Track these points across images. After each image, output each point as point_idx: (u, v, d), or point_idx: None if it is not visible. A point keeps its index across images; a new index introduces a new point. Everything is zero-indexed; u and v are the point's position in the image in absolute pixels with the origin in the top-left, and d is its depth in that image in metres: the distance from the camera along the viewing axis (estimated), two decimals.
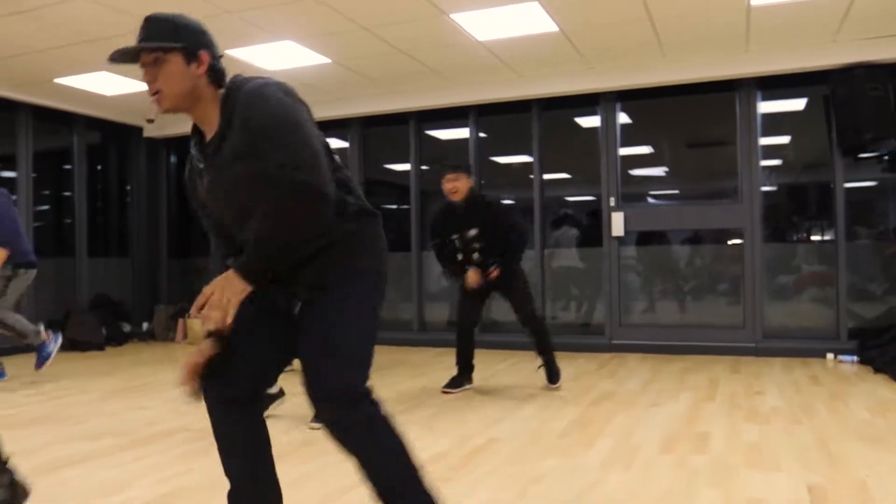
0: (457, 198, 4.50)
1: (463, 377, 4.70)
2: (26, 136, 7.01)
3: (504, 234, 4.51)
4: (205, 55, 1.78)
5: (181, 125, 7.97)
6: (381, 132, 7.54)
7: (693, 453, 3.08)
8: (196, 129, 1.88)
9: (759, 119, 6.09)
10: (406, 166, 7.37)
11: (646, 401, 4.23)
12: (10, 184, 6.75)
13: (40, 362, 5.19)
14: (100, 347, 7.14)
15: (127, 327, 7.76)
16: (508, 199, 7.54)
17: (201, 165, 1.86)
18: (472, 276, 4.49)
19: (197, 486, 2.76)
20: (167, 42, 1.74)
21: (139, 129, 8.15)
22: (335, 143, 7.89)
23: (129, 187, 8.35)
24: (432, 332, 7.08)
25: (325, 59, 5.71)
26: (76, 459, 3.15)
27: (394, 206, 7.82)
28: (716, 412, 3.88)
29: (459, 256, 4.57)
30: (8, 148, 6.94)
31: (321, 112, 7.14)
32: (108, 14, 4.63)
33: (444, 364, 5.38)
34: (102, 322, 7.40)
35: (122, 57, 1.77)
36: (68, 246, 7.55)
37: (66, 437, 3.57)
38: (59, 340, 5.34)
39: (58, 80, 6.22)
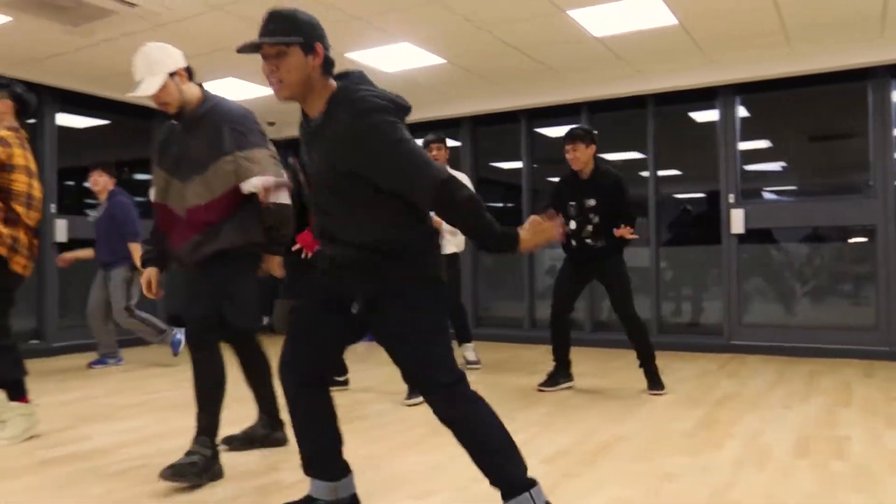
0: (577, 166, 4.46)
1: (559, 374, 4.61)
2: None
3: (622, 212, 4.40)
4: (319, 48, 1.99)
5: (297, 128, 8.30)
6: (492, 131, 7.60)
7: (832, 458, 2.96)
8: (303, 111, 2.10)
9: (893, 109, 5.75)
10: (517, 164, 7.40)
11: (773, 402, 4.09)
12: (144, 186, 7.24)
13: (175, 349, 5.64)
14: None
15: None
16: None
17: (307, 142, 2.10)
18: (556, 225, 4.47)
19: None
20: (288, 36, 1.95)
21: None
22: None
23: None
24: (543, 330, 7.06)
25: (440, 60, 5.81)
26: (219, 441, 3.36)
27: (504, 205, 7.86)
28: (853, 417, 3.71)
29: (573, 225, 4.50)
30: (143, 152, 7.44)
31: (433, 112, 7.41)
32: (235, 23, 4.89)
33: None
34: None
35: (248, 49, 1.97)
36: None
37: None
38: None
39: None
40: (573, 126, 4.57)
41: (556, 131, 7.46)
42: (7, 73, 6.08)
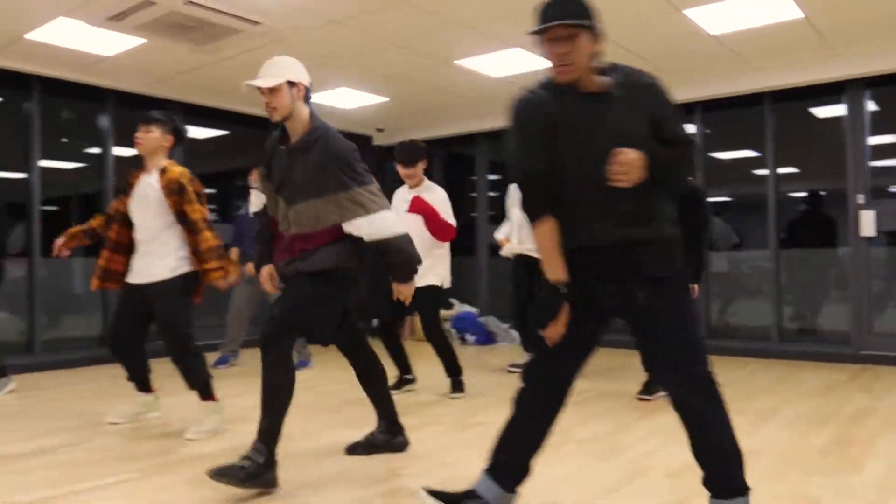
0: None
1: (654, 382, 4.48)
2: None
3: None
4: (600, 35, 2.09)
5: (404, 134, 8.46)
6: None
7: None
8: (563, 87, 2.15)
9: None
10: None
11: None
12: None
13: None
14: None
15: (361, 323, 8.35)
16: (729, 195, 7.18)
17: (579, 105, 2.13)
18: None
19: (474, 473, 2.92)
20: (583, 20, 2.01)
21: (369, 138, 8.75)
22: None
23: None
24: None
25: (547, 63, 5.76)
26: (343, 446, 3.46)
27: None
28: None
29: None
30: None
31: None
32: (351, 34, 5.02)
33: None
34: None
35: (540, 31, 2.04)
36: None
37: (333, 424, 3.92)
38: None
39: None
40: None
41: None
42: (140, 91, 6.49)
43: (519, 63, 5.74)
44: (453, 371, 4.67)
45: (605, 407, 4.26)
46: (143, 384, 3.96)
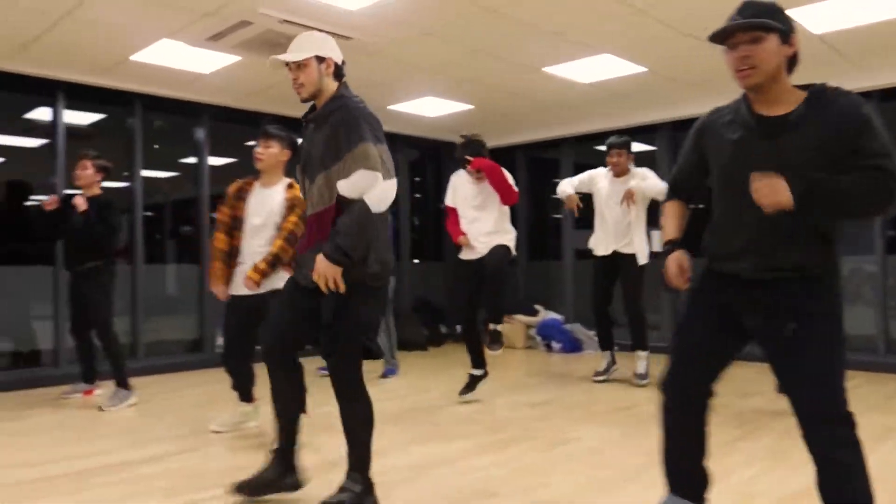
0: None
1: None
2: None
3: None
4: (795, 41, 2.00)
5: (492, 139, 8.42)
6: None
7: None
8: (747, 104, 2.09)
9: None
10: None
11: None
12: None
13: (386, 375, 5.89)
14: (423, 348, 7.81)
15: (444, 329, 8.40)
16: None
17: (746, 132, 2.07)
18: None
19: (572, 493, 2.88)
20: (770, 22, 1.93)
21: (452, 144, 8.75)
22: (638, 147, 7.79)
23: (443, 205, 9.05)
24: None
25: (640, 69, 5.64)
26: (436, 460, 3.47)
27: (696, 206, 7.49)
28: None
29: None
30: None
31: (631, 119, 7.21)
32: (441, 45, 5.04)
33: None
34: (423, 324, 8.10)
35: (719, 36, 2.01)
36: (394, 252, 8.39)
37: (423, 438, 3.94)
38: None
39: (390, 108, 6.93)
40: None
41: None
42: (233, 104, 6.70)
43: (608, 68, 5.64)
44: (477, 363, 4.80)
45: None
46: (246, 394, 4.08)
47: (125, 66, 5.46)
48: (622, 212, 5.32)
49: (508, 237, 4.74)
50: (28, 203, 5.82)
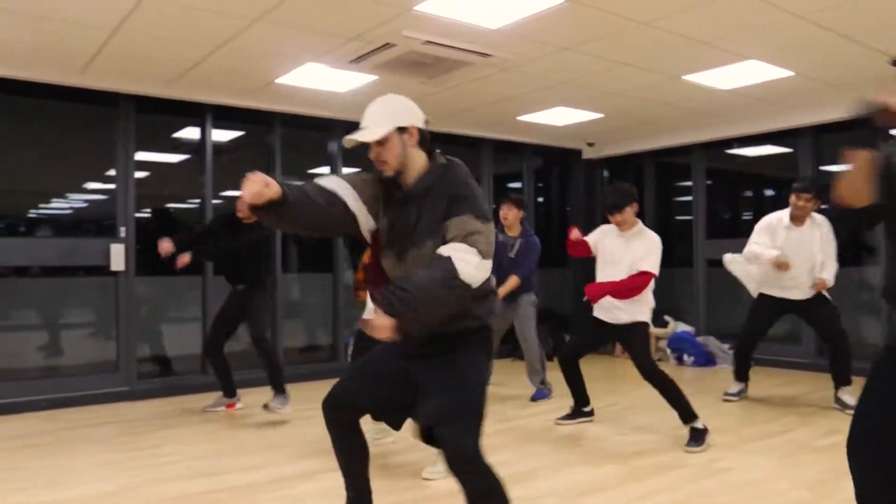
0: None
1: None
2: (488, 165, 7.95)
3: None
4: None
5: (618, 146, 8.29)
6: (836, 138, 6.86)
7: None
8: None
9: None
10: None
11: None
12: None
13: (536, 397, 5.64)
14: (548, 358, 7.72)
15: (568, 338, 8.29)
16: None
17: None
18: None
19: None
20: None
21: (578, 152, 8.66)
22: (775, 150, 7.43)
23: (568, 207, 8.99)
24: None
25: (787, 73, 5.37)
26: (589, 487, 3.42)
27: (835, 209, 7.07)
28: None
29: None
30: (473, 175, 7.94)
31: (768, 124, 6.89)
32: (581, 58, 4.97)
33: None
34: (549, 334, 8.02)
35: None
36: None
37: (571, 462, 3.90)
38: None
39: (521, 118, 6.92)
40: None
41: None
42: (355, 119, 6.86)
43: (751, 74, 5.40)
44: (685, 416, 4.20)
45: None
46: None
47: (269, 89, 5.71)
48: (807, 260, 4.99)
49: (646, 309, 4.39)
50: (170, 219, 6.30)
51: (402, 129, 2.30)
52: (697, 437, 4.10)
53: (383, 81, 5.44)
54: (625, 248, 4.38)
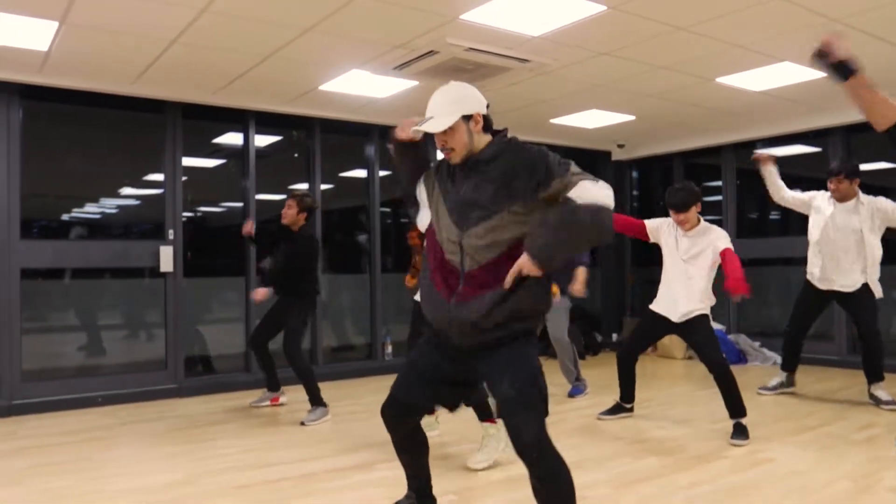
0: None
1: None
2: None
3: None
4: None
5: (649, 148, 8.38)
6: (865, 138, 6.93)
7: None
8: None
9: None
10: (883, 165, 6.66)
11: None
12: None
13: (574, 392, 5.74)
14: (580, 357, 7.85)
15: (599, 338, 8.41)
16: None
17: None
18: None
19: None
20: None
21: (608, 154, 8.77)
22: (805, 149, 7.49)
23: None
24: None
25: (818, 74, 5.44)
26: (635, 478, 3.55)
27: None
28: None
29: None
30: None
31: (798, 124, 6.96)
32: (618, 63, 5.10)
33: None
34: (581, 333, 8.13)
35: None
36: None
37: (613, 452, 4.03)
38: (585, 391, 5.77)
39: (553, 121, 7.06)
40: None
41: None
42: (399, 123, 7.02)
43: (783, 76, 5.49)
44: (737, 411, 4.26)
45: None
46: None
47: (311, 95, 5.88)
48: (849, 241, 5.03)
49: (707, 304, 4.42)
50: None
51: (467, 117, 2.39)
52: (742, 432, 4.21)
53: (423, 87, 5.59)
54: (694, 246, 4.42)
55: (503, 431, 3.44)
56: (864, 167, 5.19)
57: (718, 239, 4.34)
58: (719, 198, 8.02)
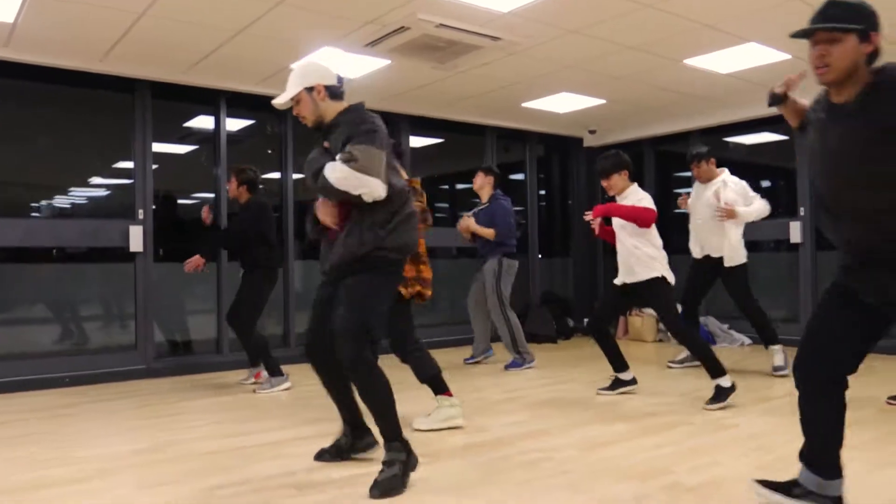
0: None
1: None
2: (491, 154, 8.13)
3: None
4: (875, 38, 2.08)
5: (619, 134, 8.47)
6: None
7: None
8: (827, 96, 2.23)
9: None
10: None
11: None
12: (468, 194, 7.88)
13: (514, 366, 6.00)
14: (552, 340, 7.93)
15: (571, 322, 8.48)
16: None
17: (824, 118, 2.22)
18: None
19: (747, 472, 2.95)
20: (850, 24, 2.06)
21: (580, 140, 8.85)
22: (772, 137, 7.61)
23: (570, 201, 9.18)
24: None
25: (784, 56, 5.56)
26: (602, 441, 3.61)
27: None
28: None
29: None
30: (474, 164, 8.08)
31: (763, 109, 7.03)
32: (588, 42, 5.16)
33: None
34: (553, 316, 8.20)
35: (802, 33, 2.15)
36: (521, 246, 8.56)
37: (582, 420, 4.09)
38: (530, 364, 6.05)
39: (525, 105, 7.11)
40: None
41: None
42: (373, 107, 6.98)
43: (750, 57, 5.59)
44: (714, 371, 4.35)
45: (863, 415, 4.06)
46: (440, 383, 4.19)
47: (283, 75, 5.84)
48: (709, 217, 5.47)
49: (657, 264, 4.56)
50: (177, 206, 6.49)
51: (309, 89, 2.91)
52: (720, 395, 4.30)
53: (396, 67, 5.62)
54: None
55: (459, 406, 3.90)
56: None
57: (640, 201, 4.54)
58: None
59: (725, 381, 4.33)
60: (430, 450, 3.43)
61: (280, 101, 2.96)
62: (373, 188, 2.76)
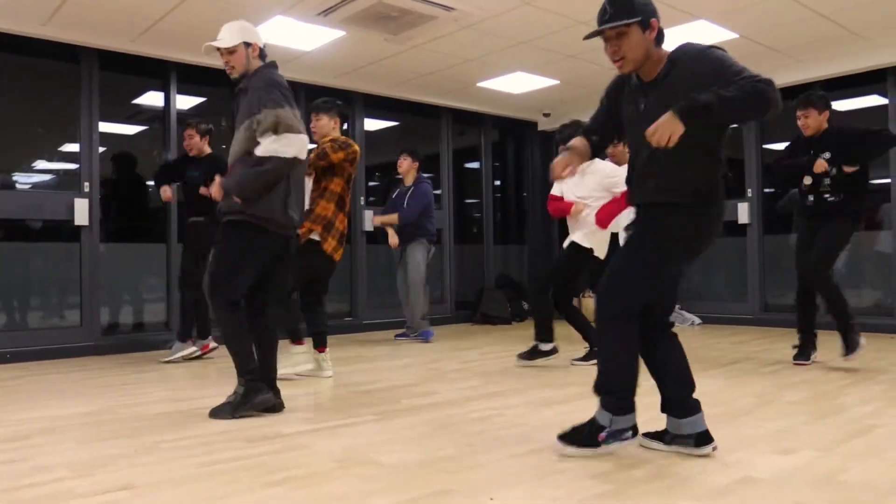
0: (807, 133, 4.52)
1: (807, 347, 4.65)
2: (447, 137, 8.14)
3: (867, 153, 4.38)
4: (654, 22, 2.33)
5: (574, 116, 8.52)
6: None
7: None
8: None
9: None
10: None
11: None
12: (434, 181, 7.89)
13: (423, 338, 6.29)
14: (507, 322, 7.98)
15: (525, 305, 8.53)
16: None
17: (636, 92, 2.48)
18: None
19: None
20: (628, 18, 2.28)
21: (534, 124, 8.91)
22: None
23: (525, 193, 9.25)
24: None
25: (732, 35, 5.69)
26: (553, 401, 3.64)
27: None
28: None
29: (808, 180, 4.51)
30: (432, 149, 8.10)
31: None
32: (541, 16, 5.19)
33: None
34: (507, 299, 8.25)
35: (593, 34, 2.38)
36: (478, 234, 8.60)
37: (536, 385, 4.12)
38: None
39: (480, 84, 7.13)
40: (808, 92, 4.64)
41: (854, 103, 6.92)
42: (328, 84, 6.97)
43: (700, 35, 5.68)
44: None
45: (800, 378, 4.18)
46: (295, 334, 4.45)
47: None
48: None
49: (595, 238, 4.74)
50: (136, 174, 6.34)
51: (247, 45, 3.25)
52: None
53: (350, 39, 5.58)
54: (579, 183, 4.73)
55: (315, 357, 4.38)
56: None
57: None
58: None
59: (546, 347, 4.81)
60: (378, 410, 3.43)
61: (220, 44, 3.22)
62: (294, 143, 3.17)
